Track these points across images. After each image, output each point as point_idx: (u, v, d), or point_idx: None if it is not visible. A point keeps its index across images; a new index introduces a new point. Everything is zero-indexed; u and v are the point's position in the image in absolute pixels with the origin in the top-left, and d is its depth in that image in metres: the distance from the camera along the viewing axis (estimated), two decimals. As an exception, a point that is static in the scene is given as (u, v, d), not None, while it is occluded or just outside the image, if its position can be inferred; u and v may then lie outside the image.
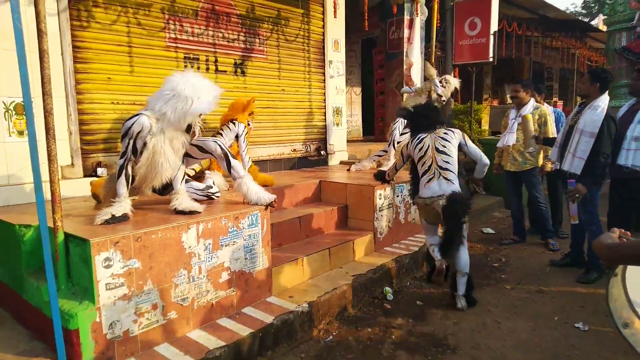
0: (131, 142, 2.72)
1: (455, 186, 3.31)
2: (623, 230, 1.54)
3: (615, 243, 1.40)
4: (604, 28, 9.58)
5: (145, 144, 2.74)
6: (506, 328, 3.24)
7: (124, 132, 2.72)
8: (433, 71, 5.35)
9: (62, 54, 3.69)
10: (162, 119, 2.72)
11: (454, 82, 5.50)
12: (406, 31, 7.56)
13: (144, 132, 2.70)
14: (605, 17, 7.76)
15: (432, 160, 3.39)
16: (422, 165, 3.44)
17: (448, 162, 3.39)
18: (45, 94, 2.31)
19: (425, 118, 3.57)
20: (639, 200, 3.82)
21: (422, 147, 3.46)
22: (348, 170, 5.44)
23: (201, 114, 2.85)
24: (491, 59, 7.61)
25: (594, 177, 3.75)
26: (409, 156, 3.63)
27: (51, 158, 2.36)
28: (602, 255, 1.41)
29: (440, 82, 5.44)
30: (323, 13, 6.11)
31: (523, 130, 4.69)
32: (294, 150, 5.98)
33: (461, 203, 3.19)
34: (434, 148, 3.43)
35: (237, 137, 4.19)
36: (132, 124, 2.68)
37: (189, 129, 2.87)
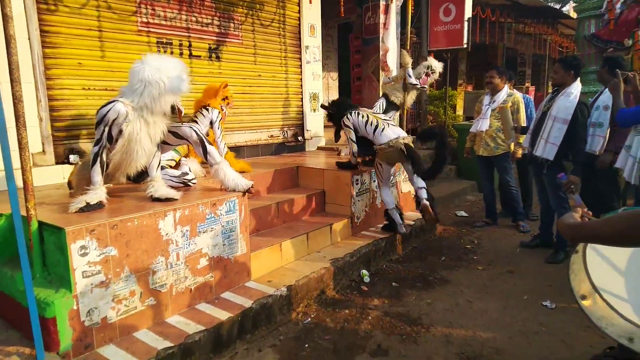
0: (106, 129, 2.68)
1: (403, 131, 4.17)
2: (585, 210, 1.63)
3: (576, 223, 1.48)
4: (574, 15, 9.76)
5: (120, 131, 2.70)
6: (478, 308, 3.36)
7: (99, 119, 2.68)
8: (409, 59, 5.38)
9: (29, 39, 3.58)
10: (143, 108, 2.70)
11: (438, 68, 5.57)
12: (382, 17, 7.56)
13: (120, 119, 2.66)
14: (576, 4, 7.90)
15: (377, 120, 4.18)
16: (371, 125, 4.17)
17: (388, 119, 4.33)
18: (14, 80, 2.25)
19: (348, 104, 4.57)
20: (594, 182, 4.01)
21: (363, 116, 4.26)
22: (338, 154, 5.50)
23: (179, 93, 2.81)
24: (465, 45, 7.69)
25: (576, 163, 3.87)
26: (354, 126, 4.29)
27: (22, 146, 2.31)
28: (564, 234, 1.49)
29: (426, 72, 5.50)
30: (299, -3, 6.05)
31: (502, 121, 4.80)
32: (271, 136, 5.97)
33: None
34: (372, 114, 4.32)
35: (211, 123, 4.15)
36: (108, 111, 2.64)
37: (173, 110, 2.86)
